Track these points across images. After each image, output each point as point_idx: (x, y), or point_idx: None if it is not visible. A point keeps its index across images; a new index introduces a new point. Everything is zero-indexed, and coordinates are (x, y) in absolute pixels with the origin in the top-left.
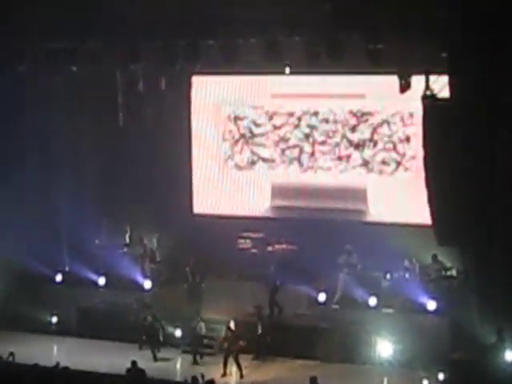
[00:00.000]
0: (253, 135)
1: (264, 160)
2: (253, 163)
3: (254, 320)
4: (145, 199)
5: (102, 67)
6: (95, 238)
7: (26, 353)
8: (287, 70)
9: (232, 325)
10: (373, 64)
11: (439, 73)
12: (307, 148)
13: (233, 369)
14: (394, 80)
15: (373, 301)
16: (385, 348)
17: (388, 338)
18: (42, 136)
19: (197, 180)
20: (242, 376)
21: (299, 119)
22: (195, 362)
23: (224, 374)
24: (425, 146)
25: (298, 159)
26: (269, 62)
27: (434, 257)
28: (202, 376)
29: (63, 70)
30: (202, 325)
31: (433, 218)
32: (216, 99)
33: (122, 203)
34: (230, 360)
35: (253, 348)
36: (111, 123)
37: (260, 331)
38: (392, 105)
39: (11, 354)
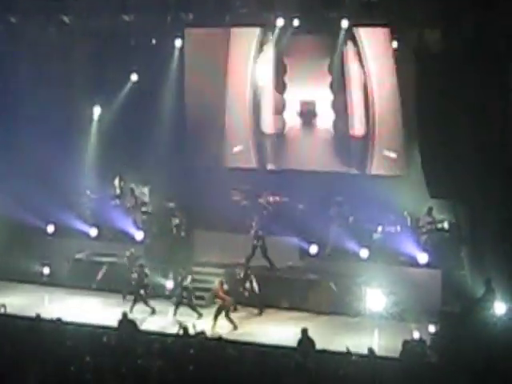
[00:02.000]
0: None
1: None
2: None
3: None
4: (137, 150)
5: (93, 19)
6: (86, 189)
7: (17, 303)
8: (280, 21)
9: (222, 283)
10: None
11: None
12: None
13: (224, 322)
14: None
15: (364, 253)
16: (376, 300)
17: (379, 291)
18: (32, 88)
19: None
20: (235, 328)
21: None
22: (175, 314)
23: (214, 326)
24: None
25: None
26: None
27: (429, 210)
28: (194, 327)
29: (55, 21)
30: (189, 278)
31: (424, 170)
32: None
33: (112, 154)
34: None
35: (244, 301)
36: (101, 76)
37: (248, 286)
38: None
39: (2, 305)
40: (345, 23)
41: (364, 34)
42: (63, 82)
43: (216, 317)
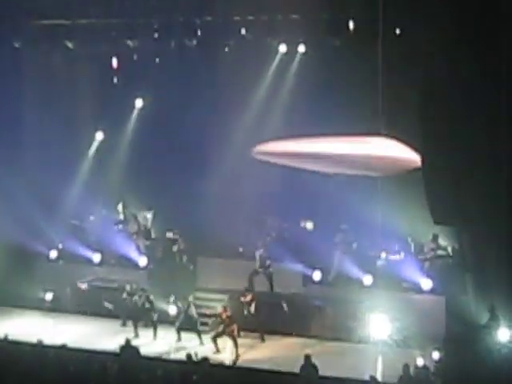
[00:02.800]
0: None
1: None
2: None
3: (247, 300)
4: (140, 177)
5: (98, 44)
6: (90, 214)
7: (20, 330)
8: (283, 47)
9: (225, 309)
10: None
11: None
12: None
13: (227, 344)
14: None
15: (368, 279)
16: (380, 327)
17: (383, 317)
18: (36, 113)
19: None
20: (237, 356)
21: None
22: (179, 339)
23: (217, 351)
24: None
25: None
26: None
27: (434, 236)
28: (196, 354)
29: (60, 47)
30: (193, 308)
31: (427, 196)
32: None
33: (116, 181)
34: (223, 338)
35: (247, 327)
36: (105, 101)
37: (253, 311)
38: None
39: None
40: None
41: None
42: (67, 106)
43: (215, 340)
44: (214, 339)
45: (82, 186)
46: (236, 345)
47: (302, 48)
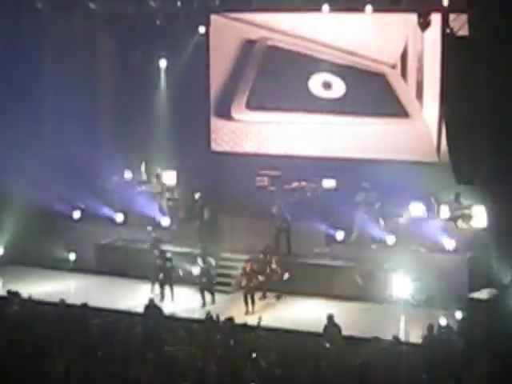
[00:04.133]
0: None
1: None
2: None
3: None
4: (163, 136)
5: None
6: (112, 174)
7: (44, 290)
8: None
9: (250, 263)
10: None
11: (458, 11)
12: None
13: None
14: None
15: (391, 239)
16: (402, 287)
17: (406, 277)
18: (57, 74)
19: (215, 117)
20: (251, 312)
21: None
22: (204, 303)
23: (247, 312)
24: (442, 84)
25: None
26: None
27: (457, 196)
28: (218, 317)
29: (81, 7)
30: (213, 262)
31: (451, 156)
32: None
33: (139, 140)
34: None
35: (270, 286)
36: (127, 60)
37: (273, 268)
38: None
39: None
40: (369, 9)
41: None
42: (89, 69)
43: (246, 300)
44: (245, 299)
45: (104, 146)
46: (253, 303)
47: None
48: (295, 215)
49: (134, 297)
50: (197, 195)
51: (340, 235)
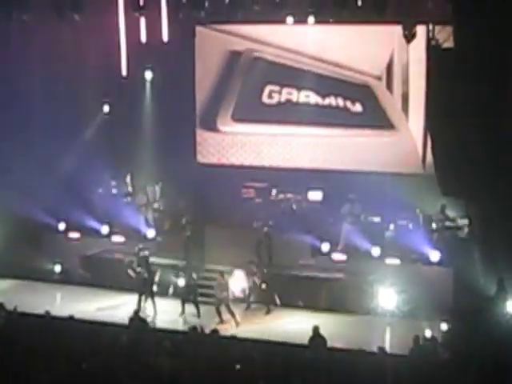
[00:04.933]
0: None
1: None
2: None
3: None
4: (148, 148)
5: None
6: (98, 186)
7: (29, 302)
8: (290, 20)
9: (221, 275)
10: (378, 14)
11: (443, 23)
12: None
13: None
14: None
15: (376, 251)
16: (388, 298)
17: (391, 289)
18: (44, 86)
19: (201, 129)
20: (237, 324)
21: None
22: (183, 312)
23: (221, 322)
24: (428, 95)
25: None
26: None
27: (442, 207)
28: (202, 328)
29: (67, 19)
30: (194, 275)
31: (436, 168)
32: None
33: (125, 152)
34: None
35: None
36: (113, 72)
37: (257, 281)
38: None
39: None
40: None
41: None
42: (75, 78)
43: (218, 310)
44: (217, 309)
45: (90, 158)
46: (233, 314)
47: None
48: (280, 227)
49: (119, 308)
50: (182, 202)
51: (325, 247)
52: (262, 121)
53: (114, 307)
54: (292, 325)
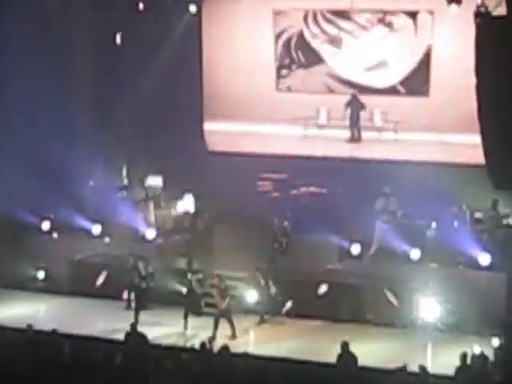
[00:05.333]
0: None
1: None
2: None
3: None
4: (147, 134)
5: None
6: (89, 179)
7: (8, 313)
8: None
9: (219, 279)
10: None
11: None
12: None
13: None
14: None
15: (415, 254)
16: (429, 309)
17: (433, 298)
18: (29, 65)
19: (209, 110)
20: (234, 336)
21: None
22: (186, 325)
23: (213, 337)
24: (477, 70)
25: None
26: None
27: (494, 203)
28: (210, 341)
29: None
30: (199, 280)
31: (486, 157)
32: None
33: (120, 139)
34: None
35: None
36: (106, 47)
37: (272, 290)
38: None
39: None
40: None
41: None
42: (63, 59)
43: (216, 323)
44: (215, 322)
45: (80, 146)
46: (232, 325)
47: None
48: (303, 226)
49: (113, 322)
50: (188, 197)
51: (356, 249)
52: None
53: (107, 320)
54: (316, 340)
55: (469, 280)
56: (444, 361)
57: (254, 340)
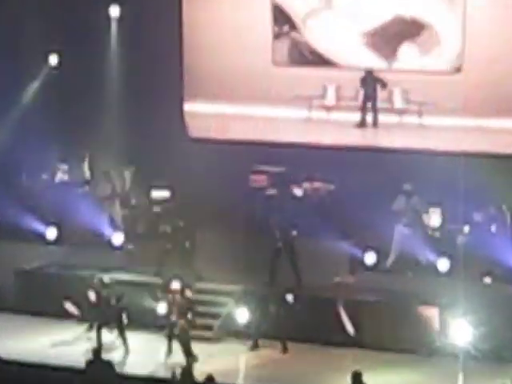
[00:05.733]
0: None
1: None
2: None
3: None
4: (114, 118)
5: None
6: (40, 172)
7: None
8: None
9: (182, 287)
10: None
11: None
12: None
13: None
14: None
15: (444, 264)
16: (461, 332)
17: (465, 318)
18: None
19: (191, 87)
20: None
21: None
22: (169, 350)
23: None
24: None
25: None
26: None
27: None
28: (173, 374)
29: None
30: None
31: None
32: None
33: (79, 122)
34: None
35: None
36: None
37: (272, 310)
38: None
39: None
40: None
41: None
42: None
43: (169, 341)
44: (169, 340)
45: (30, 131)
46: (189, 353)
47: None
48: (305, 230)
49: (71, 346)
50: (163, 194)
51: (370, 258)
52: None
53: (63, 343)
54: (321, 369)
55: (508, 297)
56: None
57: (245, 369)
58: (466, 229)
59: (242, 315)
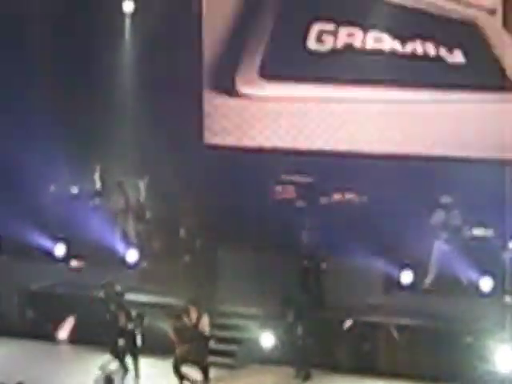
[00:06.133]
0: None
1: None
2: None
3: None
4: (127, 126)
5: None
6: (49, 183)
7: None
8: None
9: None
10: None
11: None
12: None
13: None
14: None
15: (487, 283)
16: (507, 359)
17: (510, 344)
18: None
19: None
20: None
21: None
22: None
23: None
24: None
25: None
26: None
27: None
28: None
29: None
30: (206, 320)
31: None
32: None
33: (90, 131)
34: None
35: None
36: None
37: (299, 332)
38: None
39: None
40: None
41: None
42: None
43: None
44: (175, 367)
45: (38, 141)
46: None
47: None
48: (336, 246)
49: (80, 372)
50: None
51: (407, 277)
52: (307, 78)
53: (77, 372)
54: None
55: None
56: None
57: None
58: (511, 245)
59: (268, 340)
